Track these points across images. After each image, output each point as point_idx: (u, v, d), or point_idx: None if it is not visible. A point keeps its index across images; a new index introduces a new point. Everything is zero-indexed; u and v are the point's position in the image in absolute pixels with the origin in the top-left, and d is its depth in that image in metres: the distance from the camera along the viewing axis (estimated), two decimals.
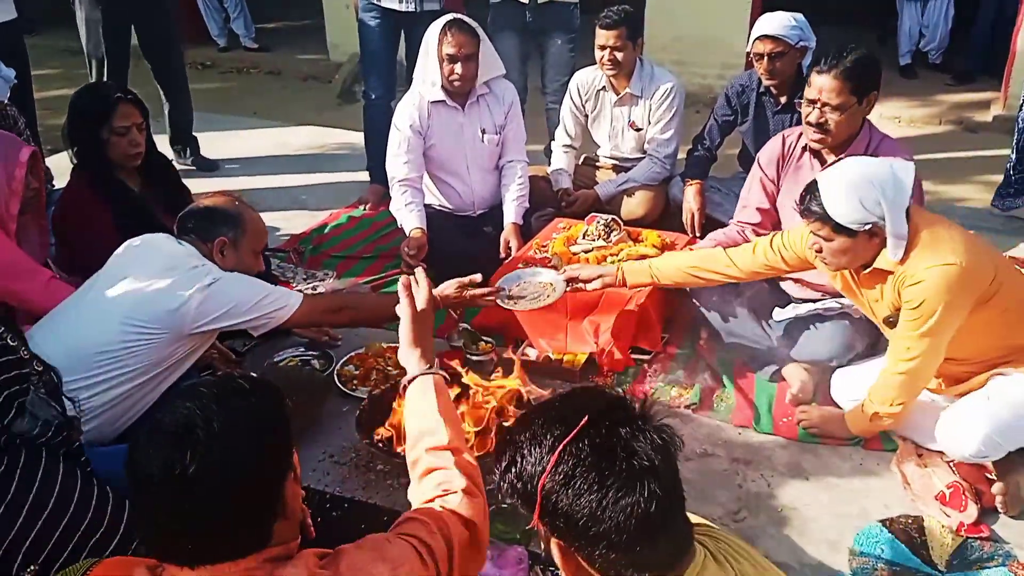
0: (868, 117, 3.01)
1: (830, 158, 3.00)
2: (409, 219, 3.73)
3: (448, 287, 2.76)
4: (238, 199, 2.71)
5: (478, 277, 2.80)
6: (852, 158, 2.55)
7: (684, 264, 2.98)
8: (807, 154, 3.10)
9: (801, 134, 3.09)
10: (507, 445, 1.35)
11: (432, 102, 3.80)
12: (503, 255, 3.69)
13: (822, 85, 2.86)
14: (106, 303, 2.36)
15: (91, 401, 2.27)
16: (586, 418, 1.28)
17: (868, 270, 2.48)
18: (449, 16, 3.73)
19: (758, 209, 3.25)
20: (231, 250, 2.56)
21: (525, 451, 1.30)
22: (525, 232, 3.87)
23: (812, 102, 2.90)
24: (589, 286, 3.04)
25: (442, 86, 3.76)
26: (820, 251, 2.48)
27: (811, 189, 2.43)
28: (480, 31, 3.74)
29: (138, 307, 2.33)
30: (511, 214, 3.88)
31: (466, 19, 3.73)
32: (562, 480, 1.25)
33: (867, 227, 2.35)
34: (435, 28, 3.70)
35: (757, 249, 2.83)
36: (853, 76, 2.83)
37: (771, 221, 3.26)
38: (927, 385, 2.56)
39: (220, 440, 1.24)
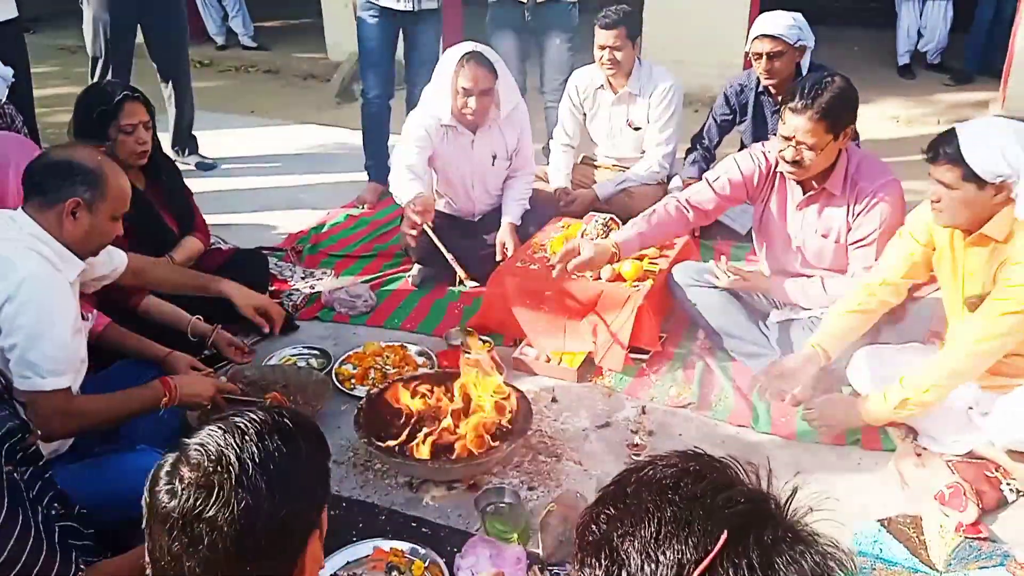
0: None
1: (810, 188, 2.98)
2: (412, 186, 3.50)
3: (193, 376, 2.66)
4: (102, 153, 2.36)
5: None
6: (998, 117, 2.50)
7: (856, 322, 2.80)
8: (788, 179, 3.03)
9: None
10: (602, 546, 0.97)
11: (443, 125, 3.71)
12: (499, 257, 3.68)
13: (797, 126, 2.78)
14: None
15: None
16: (725, 535, 0.93)
17: (973, 236, 2.45)
18: (469, 47, 3.63)
19: (717, 199, 3.12)
20: (85, 213, 2.20)
21: (634, 568, 0.94)
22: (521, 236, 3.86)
23: (786, 139, 2.83)
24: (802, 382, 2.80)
25: (453, 114, 3.68)
26: (939, 201, 2.44)
27: (948, 134, 2.40)
28: (500, 65, 3.65)
29: None
30: (509, 213, 3.86)
31: (485, 52, 3.63)
32: None
33: (998, 180, 2.32)
34: (452, 57, 3.61)
35: (894, 259, 2.73)
36: (828, 115, 2.75)
37: (717, 215, 3.26)
38: (977, 375, 2.52)
39: (250, 486, 1.15)
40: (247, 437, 1.19)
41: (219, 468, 1.15)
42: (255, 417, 1.23)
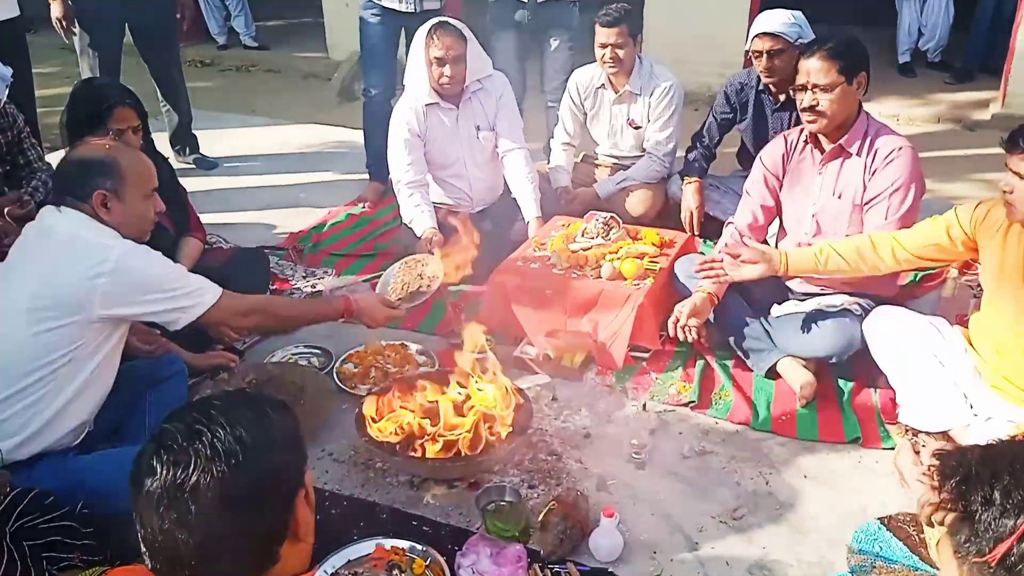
0: (866, 112, 3.03)
1: (829, 146, 3.04)
2: (422, 220, 3.74)
3: (371, 301, 2.81)
4: (110, 142, 2.46)
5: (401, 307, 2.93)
6: None
7: (846, 250, 2.84)
8: (807, 147, 3.12)
9: (801, 130, 3.10)
10: (984, 478, 1.21)
11: (426, 105, 3.82)
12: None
13: (809, 67, 2.91)
14: (8, 298, 2.20)
15: (29, 412, 2.17)
16: None
17: None
18: (434, 20, 3.75)
19: (762, 207, 3.23)
20: (116, 202, 2.27)
21: (996, 504, 1.17)
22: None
23: (802, 87, 2.94)
24: (746, 271, 2.89)
25: (433, 89, 3.78)
26: (1011, 192, 2.39)
27: None
28: (467, 32, 3.75)
29: (40, 293, 2.16)
30: (529, 209, 3.88)
31: (451, 21, 3.74)
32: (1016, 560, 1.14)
33: None
34: (421, 33, 3.73)
35: (917, 229, 2.76)
36: (837, 55, 2.87)
37: (769, 220, 3.27)
38: None
39: (225, 452, 1.21)
40: (213, 411, 1.26)
41: (192, 441, 1.21)
42: (220, 395, 1.34)
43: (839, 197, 3.05)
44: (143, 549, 1.24)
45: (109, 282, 2.15)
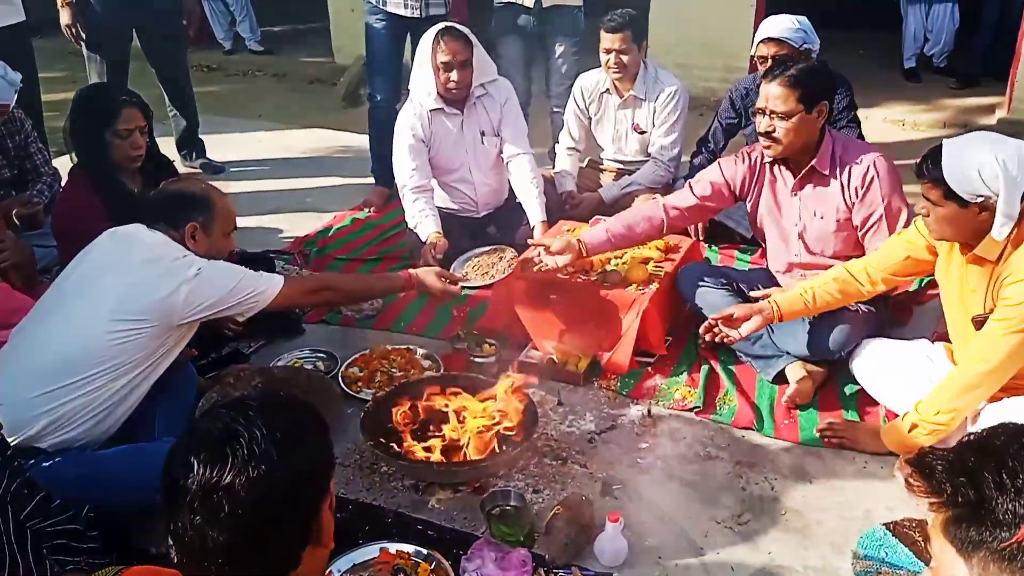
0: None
1: (799, 170, 3.02)
2: (426, 224, 3.73)
3: (429, 274, 2.95)
4: (204, 181, 2.71)
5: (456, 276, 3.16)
6: (984, 132, 2.45)
7: (827, 284, 2.84)
8: (777, 167, 3.09)
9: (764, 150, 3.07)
10: (989, 466, 1.22)
11: (431, 110, 3.82)
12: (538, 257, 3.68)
13: (768, 93, 2.87)
14: (90, 300, 2.32)
15: (79, 401, 2.25)
16: None
17: (970, 255, 2.42)
18: (441, 25, 3.76)
19: (701, 200, 3.17)
20: (203, 235, 2.51)
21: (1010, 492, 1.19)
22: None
23: (761, 111, 2.91)
24: (744, 328, 2.81)
25: (439, 94, 3.78)
26: (927, 215, 2.43)
27: (934, 151, 2.36)
28: (473, 37, 3.75)
29: (126, 300, 2.29)
30: (535, 214, 3.87)
31: (458, 26, 3.75)
32: None
33: (979, 200, 2.28)
34: (428, 38, 3.73)
35: (884, 250, 2.78)
36: (799, 84, 2.82)
37: (693, 217, 3.29)
38: (989, 395, 2.46)
39: (261, 454, 1.22)
40: (250, 411, 1.27)
41: (230, 441, 1.23)
42: (256, 395, 1.35)
43: (821, 218, 3.05)
44: (170, 542, 1.25)
45: (191, 291, 2.32)
